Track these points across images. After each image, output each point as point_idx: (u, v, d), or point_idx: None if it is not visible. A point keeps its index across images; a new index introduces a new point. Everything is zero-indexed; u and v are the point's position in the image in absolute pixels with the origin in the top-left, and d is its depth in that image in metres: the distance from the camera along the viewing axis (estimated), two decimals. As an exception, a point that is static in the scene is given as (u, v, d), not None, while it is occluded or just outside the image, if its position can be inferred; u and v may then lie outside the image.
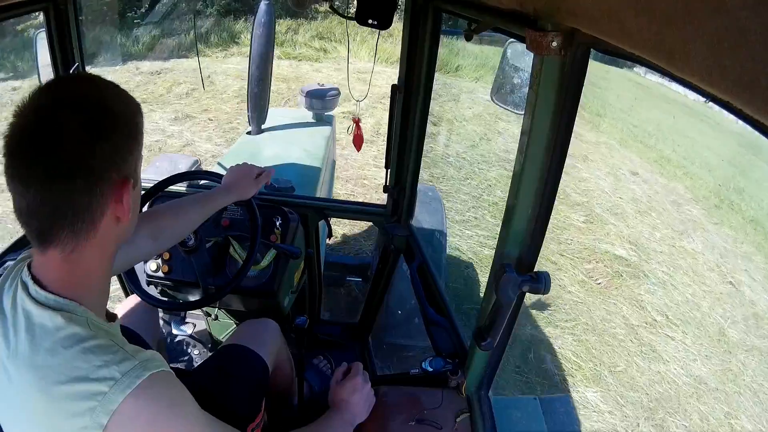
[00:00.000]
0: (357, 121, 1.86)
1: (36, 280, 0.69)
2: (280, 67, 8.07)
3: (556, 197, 0.90)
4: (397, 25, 1.51)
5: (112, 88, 0.71)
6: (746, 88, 0.36)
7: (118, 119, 0.68)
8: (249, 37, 8.77)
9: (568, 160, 0.84)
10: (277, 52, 8.83)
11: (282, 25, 9.57)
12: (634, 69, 9.01)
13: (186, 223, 1.21)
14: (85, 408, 0.62)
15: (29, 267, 0.72)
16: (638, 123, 7.78)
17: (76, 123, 0.64)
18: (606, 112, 7.93)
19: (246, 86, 2.70)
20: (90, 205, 0.67)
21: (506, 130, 6.46)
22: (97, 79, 0.71)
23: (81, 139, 0.64)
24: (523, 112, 0.86)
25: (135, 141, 0.71)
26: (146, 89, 6.67)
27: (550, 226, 0.92)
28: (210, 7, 9.77)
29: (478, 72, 8.54)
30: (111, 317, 0.78)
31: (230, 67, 8.04)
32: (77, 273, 0.69)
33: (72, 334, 0.65)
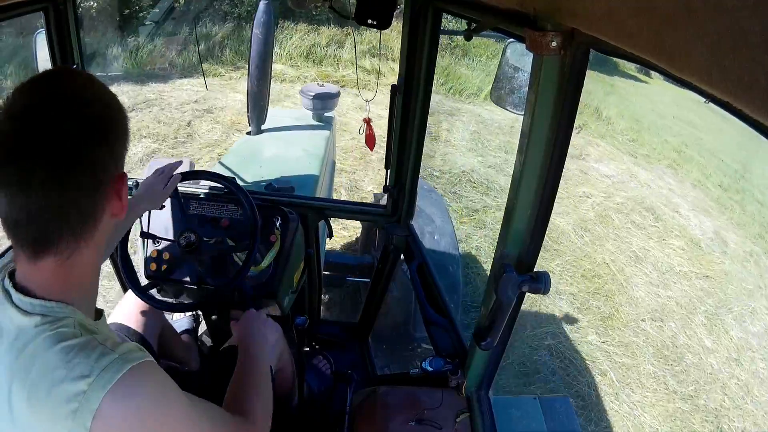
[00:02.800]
0: (368, 121, 1.85)
1: (19, 288, 0.67)
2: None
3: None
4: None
5: (98, 81, 0.71)
6: (746, 89, 0.36)
7: (114, 114, 0.68)
8: (280, 50, 7.03)
9: (736, 330, 0.70)
10: (313, 71, 6.97)
11: (323, 35, 7.49)
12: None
13: None
14: (68, 411, 0.59)
15: (11, 275, 0.69)
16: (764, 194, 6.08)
17: (76, 121, 0.62)
18: (724, 178, 6.22)
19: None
20: (95, 204, 0.66)
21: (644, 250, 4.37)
22: (84, 74, 0.71)
23: (83, 137, 0.63)
24: (522, 113, 0.86)
25: (127, 135, 0.71)
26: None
27: None
28: (239, 7, 7.33)
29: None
30: (98, 313, 0.76)
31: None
32: (71, 278, 0.68)
33: (52, 335, 0.63)
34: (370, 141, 1.87)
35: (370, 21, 1.28)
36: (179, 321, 1.93)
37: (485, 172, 5.05)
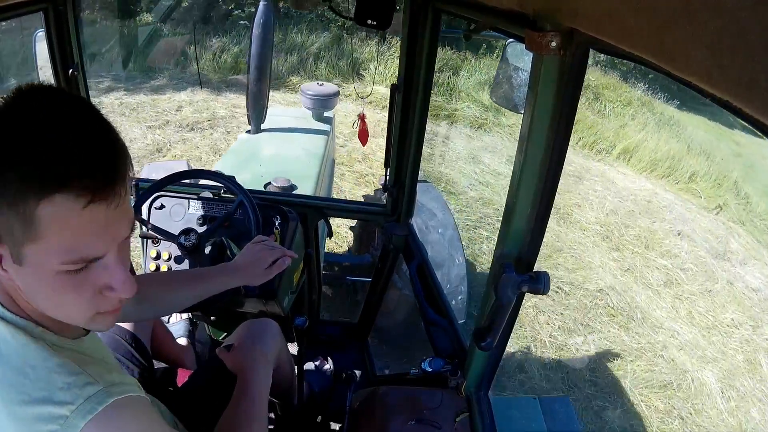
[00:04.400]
0: (363, 117, 1.87)
1: None
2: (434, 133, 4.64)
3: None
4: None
5: (63, 108, 0.55)
6: (746, 88, 0.36)
7: (16, 160, 0.53)
8: (384, 70, 6.08)
9: None
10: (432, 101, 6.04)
11: (442, 55, 5.90)
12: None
13: (176, 296, 1.11)
14: (47, 431, 0.59)
15: None
16: None
17: None
18: None
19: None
20: None
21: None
22: (44, 93, 0.57)
23: None
24: (522, 112, 0.86)
25: (25, 201, 0.54)
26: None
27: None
28: (333, 23, 5.88)
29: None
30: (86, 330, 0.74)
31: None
32: (10, 292, 0.65)
33: (35, 353, 0.63)
34: (363, 136, 1.90)
35: (369, 21, 1.28)
36: (176, 324, 1.93)
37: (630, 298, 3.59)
